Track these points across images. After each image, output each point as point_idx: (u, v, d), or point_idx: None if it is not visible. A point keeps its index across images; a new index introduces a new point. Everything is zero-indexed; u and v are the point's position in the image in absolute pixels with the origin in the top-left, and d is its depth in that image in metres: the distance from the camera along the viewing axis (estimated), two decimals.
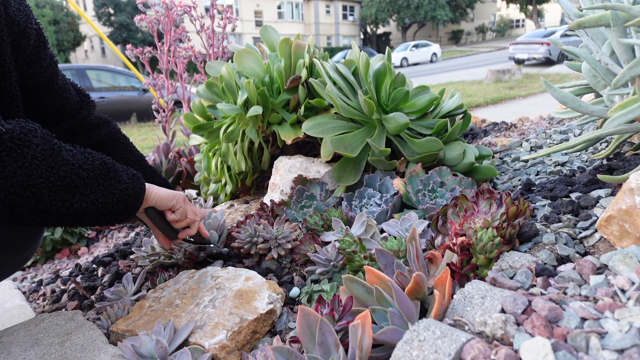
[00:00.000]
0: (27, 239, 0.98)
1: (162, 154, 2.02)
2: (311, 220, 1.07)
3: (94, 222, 0.80)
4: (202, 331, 0.80)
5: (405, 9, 31.75)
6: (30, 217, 0.69)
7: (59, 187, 0.71)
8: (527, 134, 1.74)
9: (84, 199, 0.75)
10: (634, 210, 0.65)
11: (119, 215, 0.82)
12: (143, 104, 8.45)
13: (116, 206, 0.80)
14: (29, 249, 1.01)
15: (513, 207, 0.77)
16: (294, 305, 0.93)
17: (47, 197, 0.70)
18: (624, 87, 0.96)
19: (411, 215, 0.98)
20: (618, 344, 0.45)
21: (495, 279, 0.64)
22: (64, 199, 0.72)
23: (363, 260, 0.83)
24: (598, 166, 1.06)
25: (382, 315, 0.63)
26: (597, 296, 0.56)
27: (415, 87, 1.41)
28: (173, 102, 2.24)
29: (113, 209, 0.80)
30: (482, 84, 10.00)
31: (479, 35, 42.88)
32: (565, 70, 9.27)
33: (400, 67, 21.64)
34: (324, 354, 0.58)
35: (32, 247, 1.02)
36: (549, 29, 16.46)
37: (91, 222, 0.80)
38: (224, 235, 1.16)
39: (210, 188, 1.70)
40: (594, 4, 0.95)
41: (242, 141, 1.43)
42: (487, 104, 7.47)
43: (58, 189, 0.71)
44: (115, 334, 0.88)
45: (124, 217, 0.84)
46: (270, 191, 1.40)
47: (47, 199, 0.70)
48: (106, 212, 0.79)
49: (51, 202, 0.70)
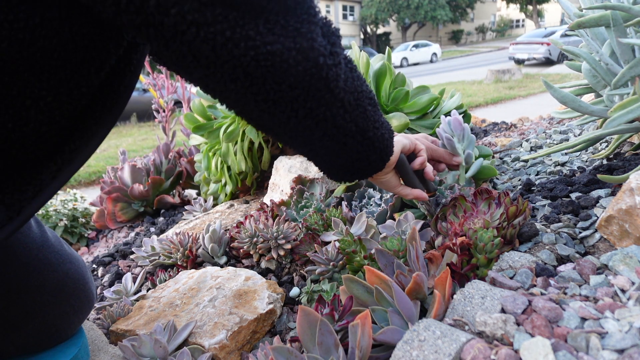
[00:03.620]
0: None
1: (162, 154, 2.02)
2: (311, 220, 1.07)
3: (352, 161, 0.67)
4: (202, 331, 0.80)
5: (405, 9, 31.74)
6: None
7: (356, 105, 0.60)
8: (527, 134, 1.74)
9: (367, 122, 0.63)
10: (634, 210, 0.65)
11: (383, 155, 0.70)
12: (143, 104, 8.44)
13: (381, 143, 0.67)
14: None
15: (513, 206, 0.77)
16: (294, 305, 0.93)
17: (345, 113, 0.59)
18: (624, 87, 0.96)
19: (407, 215, 0.98)
20: (618, 344, 0.45)
21: (495, 279, 0.64)
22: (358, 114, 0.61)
23: (363, 260, 0.83)
24: (598, 166, 1.06)
25: (382, 315, 0.63)
26: (597, 296, 0.56)
27: (415, 87, 1.41)
28: (173, 102, 2.24)
29: (379, 145, 0.67)
30: (482, 84, 10.00)
31: (479, 35, 42.88)
32: (565, 70, 9.26)
33: (400, 67, 21.63)
34: (323, 353, 0.58)
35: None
36: (549, 29, 16.47)
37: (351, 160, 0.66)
38: (223, 247, 1.16)
39: (210, 188, 1.70)
40: (594, 4, 0.95)
41: (242, 141, 1.43)
42: (487, 104, 7.47)
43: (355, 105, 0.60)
44: (115, 334, 0.88)
45: (380, 163, 0.71)
46: (270, 191, 1.40)
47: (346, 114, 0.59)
48: (374, 144, 0.66)
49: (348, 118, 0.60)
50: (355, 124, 0.61)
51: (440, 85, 9.36)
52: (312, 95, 0.53)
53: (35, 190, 0.52)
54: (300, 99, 0.53)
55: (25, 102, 0.47)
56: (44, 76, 0.46)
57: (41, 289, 0.68)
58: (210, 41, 0.45)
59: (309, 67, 0.50)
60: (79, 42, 0.47)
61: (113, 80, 0.56)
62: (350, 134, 0.62)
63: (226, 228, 1.31)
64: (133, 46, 0.56)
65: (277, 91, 0.51)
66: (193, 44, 0.45)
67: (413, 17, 32.31)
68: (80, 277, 0.75)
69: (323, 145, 0.62)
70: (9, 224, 0.50)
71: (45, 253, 0.70)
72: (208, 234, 1.14)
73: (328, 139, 0.61)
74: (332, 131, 0.60)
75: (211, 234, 1.14)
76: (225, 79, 0.49)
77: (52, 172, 0.53)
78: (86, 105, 0.54)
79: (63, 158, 0.54)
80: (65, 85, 0.49)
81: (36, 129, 0.50)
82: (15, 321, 0.67)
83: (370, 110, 0.63)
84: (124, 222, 1.91)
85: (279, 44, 0.47)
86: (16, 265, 0.65)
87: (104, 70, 0.53)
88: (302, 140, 0.61)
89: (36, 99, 0.47)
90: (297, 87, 0.51)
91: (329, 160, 0.68)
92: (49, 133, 0.52)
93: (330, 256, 0.91)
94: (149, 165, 1.97)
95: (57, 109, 0.50)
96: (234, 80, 0.49)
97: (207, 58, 0.46)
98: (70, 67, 0.48)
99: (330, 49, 0.52)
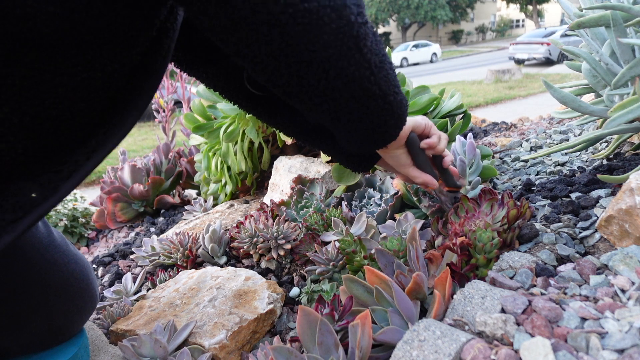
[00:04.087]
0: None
1: (162, 154, 2.02)
2: (311, 220, 1.07)
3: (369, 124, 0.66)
4: (202, 331, 0.80)
5: (405, 9, 31.75)
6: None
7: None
8: (527, 134, 1.74)
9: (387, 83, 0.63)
10: (634, 210, 0.65)
11: (396, 124, 0.69)
12: None
13: (397, 110, 0.67)
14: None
15: (514, 210, 0.77)
16: (294, 305, 0.93)
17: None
18: (624, 87, 0.96)
19: (407, 215, 0.98)
20: (618, 344, 0.45)
21: (495, 279, 0.64)
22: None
23: (363, 260, 0.83)
24: (598, 166, 1.06)
25: (382, 315, 0.63)
26: (597, 296, 0.56)
27: (415, 87, 1.40)
28: (173, 102, 2.24)
29: (397, 112, 0.67)
30: (482, 84, 10.00)
31: (479, 35, 42.88)
32: (565, 70, 9.27)
33: (400, 67, 21.62)
34: (323, 353, 0.58)
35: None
36: (549, 29, 16.46)
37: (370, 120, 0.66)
38: (223, 247, 1.16)
39: (210, 188, 1.70)
40: (594, 4, 0.95)
41: (242, 141, 1.43)
42: (487, 104, 7.47)
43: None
44: (115, 334, 0.88)
45: (396, 130, 0.70)
46: (270, 191, 1.40)
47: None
48: (392, 111, 0.66)
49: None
50: (379, 86, 0.61)
51: (440, 85, 9.37)
52: (344, 54, 0.53)
53: (70, 170, 0.52)
54: (332, 59, 0.53)
55: (62, 80, 0.47)
56: (79, 51, 0.46)
57: (47, 288, 0.69)
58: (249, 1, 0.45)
59: (342, 25, 0.50)
60: (111, 16, 0.47)
61: (146, 62, 0.56)
62: (373, 97, 0.62)
63: (226, 228, 1.31)
64: (164, 30, 0.57)
65: (311, 51, 0.51)
66: (231, 3, 0.45)
67: (413, 17, 32.31)
68: (84, 278, 0.76)
69: (348, 109, 0.62)
70: (44, 203, 0.50)
71: (52, 253, 0.70)
72: (208, 234, 1.14)
73: (353, 102, 0.61)
74: (358, 93, 0.60)
75: (211, 234, 1.14)
76: (260, 41, 0.49)
77: (86, 152, 0.53)
78: (120, 86, 0.55)
79: (97, 140, 0.54)
80: (99, 61, 0.49)
81: (71, 108, 0.50)
82: (20, 319, 0.67)
83: (392, 74, 0.64)
84: (124, 222, 1.91)
85: (315, 2, 0.47)
86: (23, 264, 0.66)
87: (136, 49, 0.53)
88: (327, 106, 0.61)
89: (71, 75, 0.48)
90: (331, 46, 0.51)
91: (350, 128, 0.67)
92: (84, 113, 0.52)
93: (330, 256, 0.91)
94: (149, 165, 1.97)
95: (92, 87, 0.50)
96: (269, 43, 0.49)
97: (246, 19, 0.46)
98: (103, 42, 0.48)
99: (358, 8, 0.53)
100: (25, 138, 0.48)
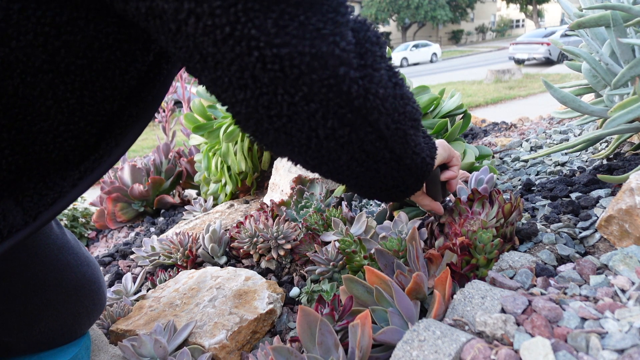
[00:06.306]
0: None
1: (162, 154, 2.02)
2: (311, 220, 1.07)
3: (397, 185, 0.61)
4: (202, 331, 0.80)
5: (405, 9, 31.73)
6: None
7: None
8: (527, 134, 1.74)
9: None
10: (634, 210, 0.65)
11: (422, 175, 0.63)
12: None
13: (421, 165, 0.61)
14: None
15: (507, 204, 0.76)
16: (294, 305, 0.93)
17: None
18: (624, 87, 0.96)
19: (401, 216, 0.97)
20: (618, 344, 0.45)
21: (495, 279, 0.64)
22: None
23: (363, 260, 0.83)
24: (598, 166, 1.06)
25: (382, 315, 0.63)
26: (597, 296, 0.56)
27: (415, 87, 1.40)
28: (173, 102, 2.24)
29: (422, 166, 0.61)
30: (482, 84, 10.00)
31: (479, 35, 42.87)
32: (565, 70, 9.26)
33: (400, 67, 21.50)
34: (323, 353, 0.58)
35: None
36: (549, 29, 16.45)
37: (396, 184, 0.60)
38: (223, 247, 1.16)
39: (210, 188, 1.70)
40: (594, 4, 0.95)
41: (242, 141, 1.43)
42: (487, 104, 7.47)
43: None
44: (115, 334, 0.88)
45: (417, 185, 0.65)
46: (270, 191, 1.40)
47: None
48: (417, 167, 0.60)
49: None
50: (390, 150, 0.54)
51: (440, 85, 9.36)
52: (332, 112, 0.46)
53: (55, 196, 0.51)
54: (318, 116, 0.46)
55: (47, 103, 0.45)
56: (68, 78, 0.45)
57: (58, 288, 0.69)
58: (211, 35, 0.40)
59: (325, 77, 0.43)
60: (104, 43, 0.45)
61: (142, 89, 0.54)
62: (383, 161, 0.55)
63: (226, 228, 1.31)
64: (163, 55, 0.54)
65: (290, 104, 0.44)
66: (195, 37, 0.40)
67: (413, 17, 32.31)
68: (95, 280, 0.76)
69: (352, 171, 0.55)
70: (24, 229, 0.49)
71: (65, 254, 0.71)
72: (208, 234, 1.14)
73: (356, 165, 0.54)
74: (360, 157, 0.52)
75: (211, 234, 1.14)
76: (233, 84, 0.44)
77: (74, 179, 0.52)
78: (113, 113, 0.53)
79: (86, 166, 0.53)
80: (89, 89, 0.47)
81: (59, 133, 0.48)
82: (31, 318, 0.68)
83: (412, 134, 0.56)
84: (124, 222, 1.91)
85: (288, 47, 0.40)
86: (37, 264, 0.67)
87: (130, 75, 0.50)
88: (327, 167, 0.55)
89: (59, 101, 0.46)
90: (313, 100, 0.44)
91: (360, 185, 0.61)
92: (74, 139, 0.50)
93: (330, 256, 0.91)
94: (149, 165, 1.97)
95: (81, 114, 0.49)
96: (242, 88, 0.44)
97: (213, 56, 0.41)
98: (94, 69, 0.46)
99: (358, 60, 0.46)
100: (10, 155, 0.47)
